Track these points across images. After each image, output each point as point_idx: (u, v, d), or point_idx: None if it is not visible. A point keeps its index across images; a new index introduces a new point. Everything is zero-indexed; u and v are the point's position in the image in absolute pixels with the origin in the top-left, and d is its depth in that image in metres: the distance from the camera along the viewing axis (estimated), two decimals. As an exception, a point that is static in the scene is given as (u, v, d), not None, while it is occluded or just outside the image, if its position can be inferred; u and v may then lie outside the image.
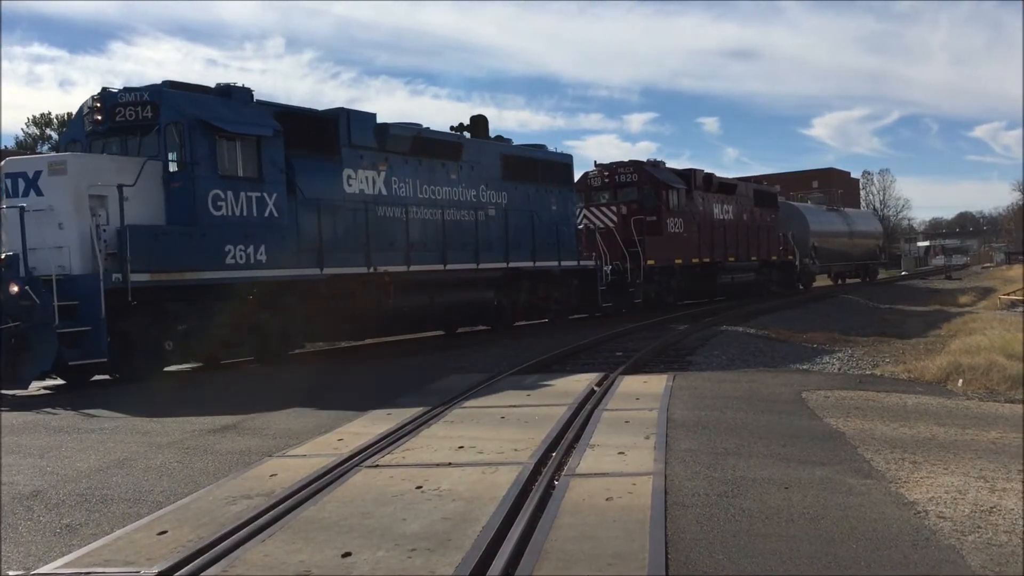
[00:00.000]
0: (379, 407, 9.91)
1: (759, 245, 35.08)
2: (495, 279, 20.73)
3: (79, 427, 9.44)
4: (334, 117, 16.98)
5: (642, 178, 28.08)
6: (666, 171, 29.39)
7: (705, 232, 30.52)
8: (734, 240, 32.74)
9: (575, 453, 7.19)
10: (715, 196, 32.10)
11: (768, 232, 36.29)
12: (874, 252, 52.99)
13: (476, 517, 5.41)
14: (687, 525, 5.22)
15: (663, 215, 27.81)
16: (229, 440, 8.39)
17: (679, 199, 28.84)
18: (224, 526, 5.37)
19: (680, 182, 29.20)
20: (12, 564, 4.97)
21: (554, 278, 22.87)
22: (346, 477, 6.58)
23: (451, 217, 19.42)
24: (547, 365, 14.26)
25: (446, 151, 19.63)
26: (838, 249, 46.58)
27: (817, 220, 44.29)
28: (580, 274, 23.89)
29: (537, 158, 22.83)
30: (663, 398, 9.92)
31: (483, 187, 20.60)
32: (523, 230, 21.55)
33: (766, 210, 36.50)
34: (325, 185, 16.45)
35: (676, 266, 28.51)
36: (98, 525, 5.70)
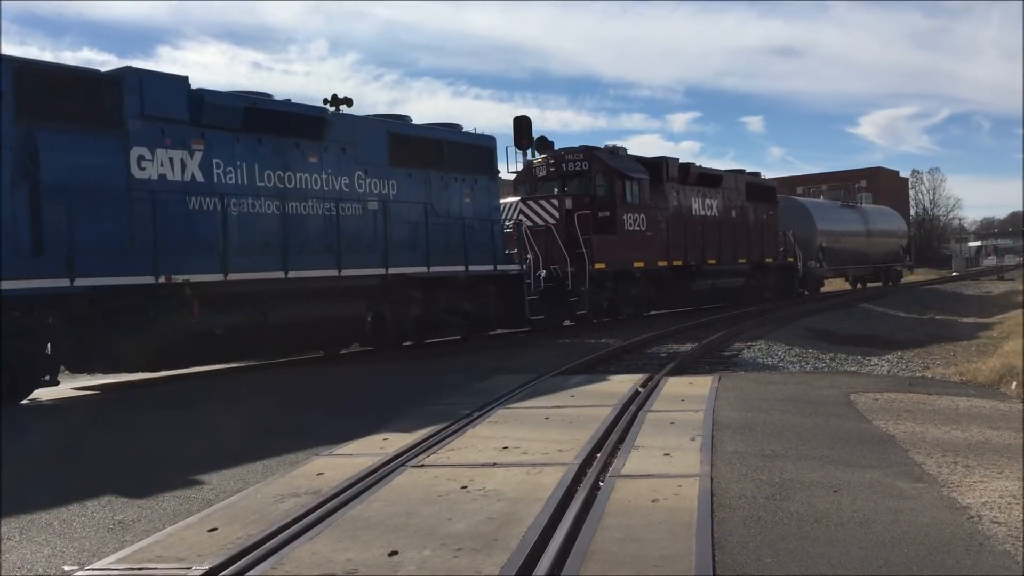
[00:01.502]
0: (424, 407, 9.96)
1: (751, 245, 30.84)
2: (368, 288, 16.44)
3: (133, 424, 9.62)
4: (116, 79, 12.98)
5: (593, 166, 23.83)
6: (626, 159, 25.18)
7: (677, 230, 26.42)
8: (716, 240, 28.49)
9: (620, 454, 7.16)
10: (694, 189, 27.96)
11: (764, 231, 32.10)
12: (897, 253, 47.82)
13: (521, 518, 5.41)
14: (734, 527, 5.17)
15: (618, 210, 23.61)
16: (276, 439, 8.49)
17: (641, 191, 24.53)
18: (272, 524, 5.43)
19: (642, 171, 24.85)
20: (67, 560, 5.08)
21: (461, 286, 18.53)
22: (392, 476, 6.63)
23: (304, 211, 15.33)
24: (591, 366, 14.23)
25: (302, 128, 15.51)
26: (853, 249, 41.79)
27: (826, 217, 39.82)
28: (500, 281, 19.46)
29: (443, 140, 18.45)
30: (709, 399, 9.85)
31: (360, 174, 16.45)
32: (415, 227, 17.45)
33: (761, 205, 32.27)
34: (93, 168, 12.43)
35: (636, 270, 24.33)
36: (150, 521, 5.80)
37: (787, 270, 34.32)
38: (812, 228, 37.52)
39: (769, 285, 32.81)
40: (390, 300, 16.99)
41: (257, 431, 8.98)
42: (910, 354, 16.62)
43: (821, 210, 40.24)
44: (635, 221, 24.23)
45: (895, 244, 47.74)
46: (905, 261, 48.98)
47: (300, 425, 9.27)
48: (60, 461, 8.00)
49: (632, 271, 24.15)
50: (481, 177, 19.23)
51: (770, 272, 32.74)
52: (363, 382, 12.94)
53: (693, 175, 27.94)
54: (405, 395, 11.12)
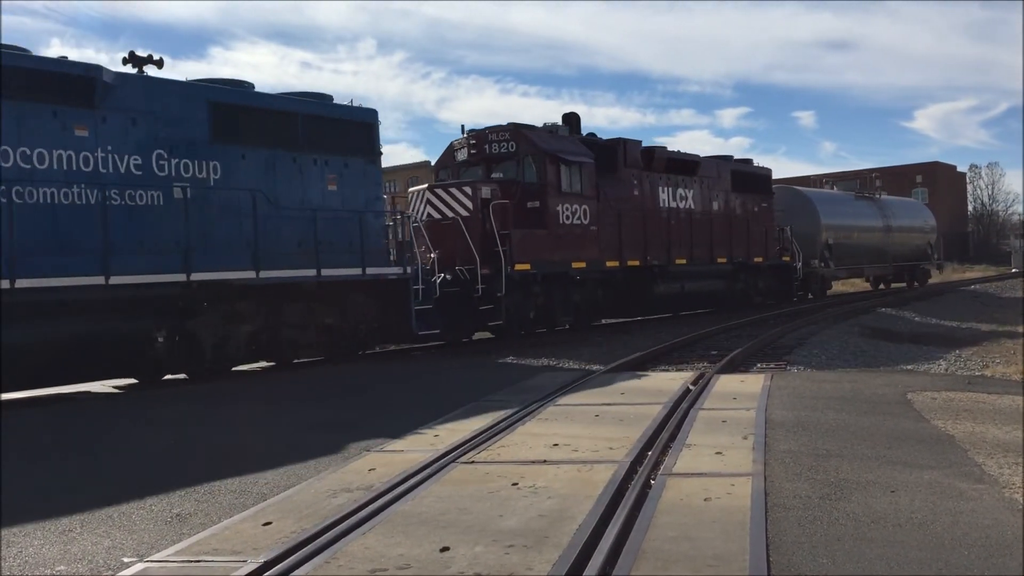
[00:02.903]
0: (473, 403, 9.99)
1: (735, 242, 26.56)
2: (159, 300, 12.82)
3: (178, 419, 9.80)
4: None
5: (521, 147, 19.65)
6: (566, 139, 21.13)
7: (635, 225, 22.33)
8: (688, 236, 24.44)
9: (671, 452, 7.11)
10: (662, 177, 23.90)
11: (754, 226, 27.67)
12: (924, 250, 42.56)
13: (572, 515, 5.40)
14: (789, 527, 5.10)
15: (551, 200, 19.47)
16: (329, 435, 8.58)
17: (584, 178, 20.42)
18: (326, 518, 5.49)
19: (584, 154, 20.82)
20: (127, 551, 5.18)
21: (313, 296, 14.94)
22: (443, 472, 6.66)
23: (55, 199, 11.72)
24: (641, 363, 14.15)
25: (60, 91, 11.98)
26: (868, 246, 37.13)
27: (833, 210, 35.10)
28: (377, 288, 15.79)
29: (298, 113, 14.83)
30: (761, 398, 9.74)
31: (161, 153, 12.91)
32: (239, 221, 13.74)
33: (752, 197, 27.92)
34: None
35: (576, 272, 20.23)
36: (206, 515, 5.90)
37: (784, 271, 29.85)
38: (816, 223, 33.35)
39: (761, 288, 28.42)
40: (204, 315, 13.51)
41: (306, 426, 9.08)
42: (968, 352, 16.25)
43: (827, 202, 35.75)
44: (575, 213, 20.18)
45: (920, 240, 42.68)
46: (933, 259, 44.03)
47: (352, 420, 9.35)
48: (115, 456, 8.17)
49: (570, 273, 20.10)
50: (355, 160, 15.56)
51: (761, 273, 28.34)
52: (411, 379, 13.02)
53: (660, 160, 24.06)
54: (454, 392, 11.15)
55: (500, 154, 19.88)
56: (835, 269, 34.43)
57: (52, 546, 5.33)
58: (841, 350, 16.10)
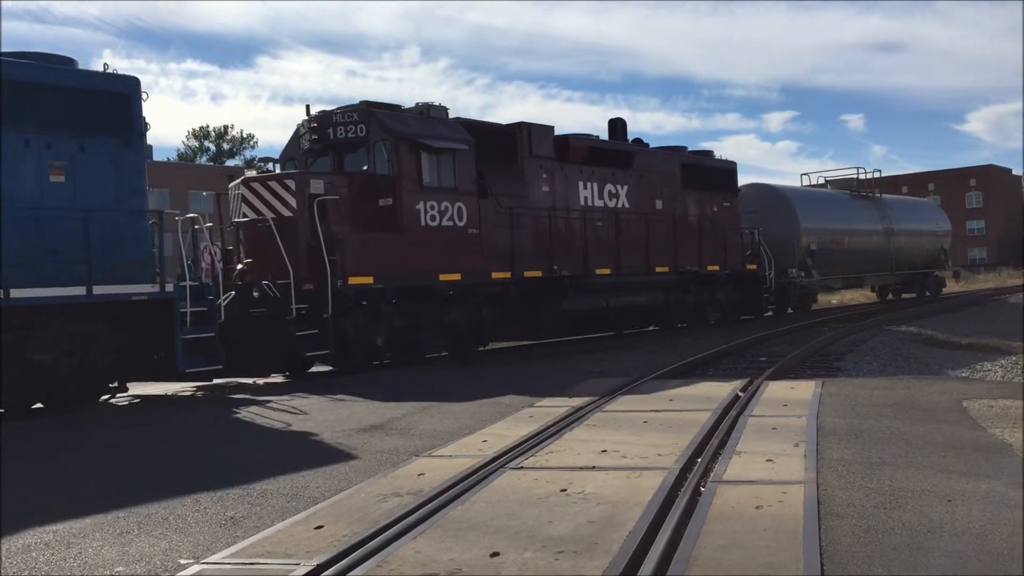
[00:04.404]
0: (520, 410, 10.00)
1: (685, 248, 22.78)
2: None
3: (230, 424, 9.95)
4: None
5: (372, 132, 15.86)
6: (433, 122, 16.85)
7: (538, 227, 18.53)
8: (615, 240, 20.65)
9: (721, 459, 7.06)
10: (582, 170, 20.18)
11: (710, 228, 23.78)
12: (936, 256, 37.72)
13: (622, 521, 5.39)
14: (842, 536, 5.03)
15: (407, 195, 15.72)
16: (378, 440, 8.66)
17: (455, 170, 16.55)
18: (377, 523, 5.53)
19: (458, 140, 16.78)
20: (183, 553, 5.27)
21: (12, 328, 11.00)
22: (491, 478, 6.68)
23: None
24: (689, 370, 14.06)
25: None
26: (865, 252, 32.70)
27: (816, 212, 30.38)
28: (119, 314, 11.91)
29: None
30: (812, 405, 9.62)
31: None
32: None
33: (708, 195, 24.10)
34: None
35: (446, 285, 16.47)
36: (259, 518, 5.98)
37: (752, 282, 25.95)
38: (794, 225, 28.75)
39: (719, 302, 24.65)
40: None
41: (353, 431, 9.16)
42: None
43: (810, 202, 31.11)
44: (444, 213, 16.30)
45: (931, 245, 37.60)
46: (947, 265, 39.15)
47: (399, 425, 9.42)
48: (168, 457, 8.32)
49: (436, 287, 16.34)
50: (97, 141, 11.81)
51: (719, 284, 24.45)
52: (456, 383, 13.07)
53: (579, 151, 20.34)
54: (503, 397, 11.18)
55: (348, 140, 16.13)
56: (819, 279, 29.80)
57: (111, 547, 5.45)
58: (893, 356, 15.87)
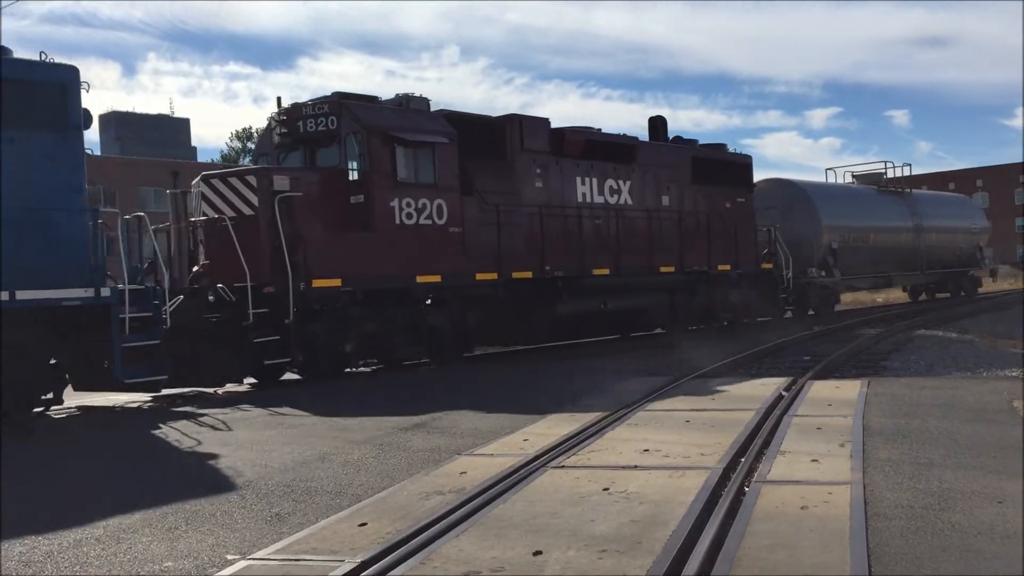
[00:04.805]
0: (561, 409, 10.00)
1: (693, 247, 21.39)
2: None
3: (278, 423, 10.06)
4: None
5: (343, 124, 14.96)
6: (410, 114, 15.95)
7: (529, 225, 17.38)
8: (614, 239, 19.33)
9: (765, 459, 7.00)
10: (579, 165, 18.92)
11: (721, 225, 22.34)
12: (972, 254, 35.37)
13: (665, 521, 5.36)
14: (890, 538, 4.96)
15: (380, 192, 14.77)
16: (420, 438, 8.71)
17: (435, 164, 15.51)
18: (419, 520, 5.57)
19: (441, 133, 15.77)
20: (230, 549, 5.35)
21: None
22: (533, 477, 6.68)
23: None
24: (731, 369, 13.95)
25: None
26: (893, 251, 30.70)
27: (838, 208, 28.65)
28: (47, 321, 10.98)
29: None
30: (857, 404, 9.50)
31: None
32: None
33: (720, 191, 22.62)
34: None
35: (424, 288, 15.39)
36: (304, 515, 6.04)
37: (767, 282, 24.23)
38: (815, 222, 27.31)
39: (731, 303, 22.94)
40: None
41: (396, 429, 9.21)
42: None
43: (831, 198, 29.30)
44: (422, 211, 15.27)
45: (966, 242, 35.30)
46: (983, 263, 36.62)
47: (441, 425, 9.46)
48: (214, 455, 8.43)
49: (413, 290, 15.30)
50: (29, 134, 10.69)
51: (732, 285, 22.83)
52: (498, 382, 13.10)
53: (576, 144, 19.06)
54: (543, 396, 11.18)
55: (319, 133, 15.14)
56: (842, 279, 28.16)
57: (160, 543, 5.54)
58: (939, 356, 15.60)
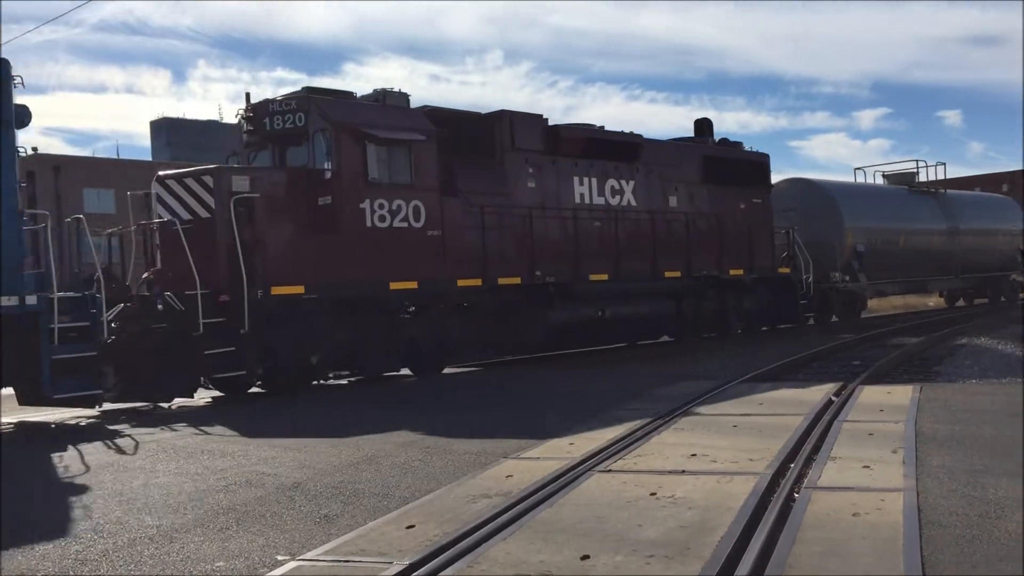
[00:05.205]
0: (608, 412, 9.96)
1: (702, 250, 20.41)
2: None
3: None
4: None
5: (311, 121, 14.17)
6: (385, 110, 15.16)
7: (517, 228, 16.48)
8: (613, 243, 18.36)
9: (815, 465, 6.90)
10: (576, 165, 17.90)
11: (735, 227, 21.32)
12: (1012, 258, 32.94)
13: (713, 527, 5.31)
14: (945, 546, 4.87)
15: (348, 192, 13.99)
16: (465, 442, 8.73)
17: (411, 163, 14.67)
18: (466, 523, 5.58)
19: (419, 130, 14.99)
20: (279, 549, 5.41)
21: None
22: (580, 481, 6.67)
23: None
24: (779, 374, 13.79)
25: None
26: (925, 254, 29.19)
27: (863, 209, 27.20)
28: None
29: None
30: (910, 410, 9.34)
31: None
32: None
33: (734, 191, 21.58)
34: None
35: (400, 295, 14.60)
36: (352, 517, 6.09)
37: (785, 287, 23.01)
38: (838, 224, 26.00)
39: (745, 310, 21.96)
40: None
41: (443, 431, 9.25)
42: None
43: (856, 198, 27.71)
44: (396, 213, 14.41)
45: (1006, 245, 33.22)
46: None
47: (486, 428, 9.48)
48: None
49: (386, 297, 14.47)
50: None
51: (745, 290, 21.74)
52: (542, 387, 13.09)
53: (574, 142, 17.99)
54: (589, 401, 11.15)
55: (287, 131, 14.32)
56: (868, 284, 26.72)
57: (211, 543, 5.62)
58: (995, 361, 15.27)
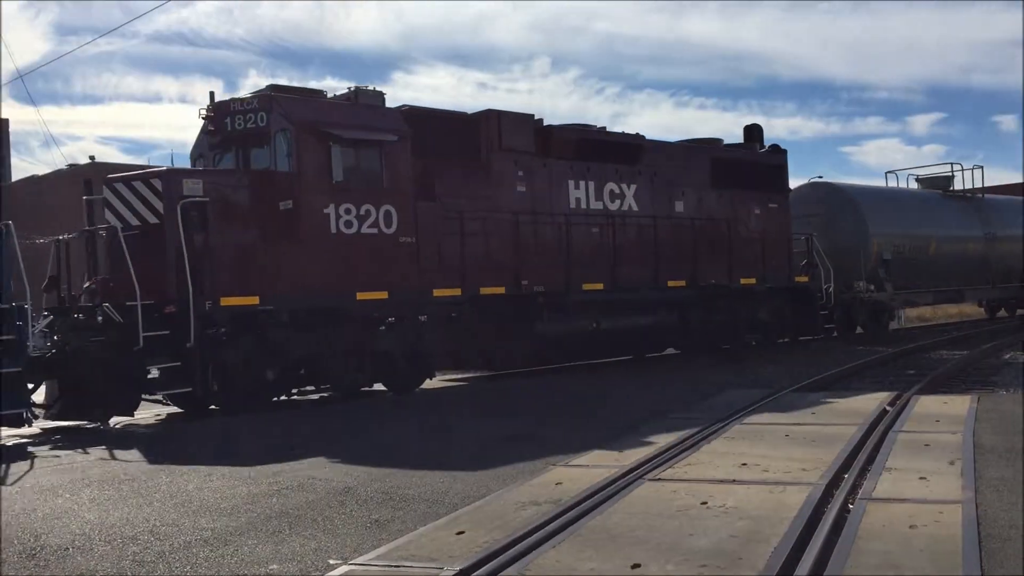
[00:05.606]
0: (657, 420, 9.90)
1: (710, 258, 19.04)
2: None
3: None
4: None
5: (272, 120, 13.24)
6: (354, 108, 14.26)
7: (501, 235, 15.51)
8: (610, 250, 17.21)
9: (870, 476, 6.79)
10: (571, 167, 16.81)
11: (747, 233, 20.02)
12: None
13: (766, 537, 5.25)
14: (1005, 560, 4.76)
15: (310, 196, 13.07)
16: (515, 448, 8.73)
17: (382, 165, 13.78)
18: (516, 530, 5.58)
19: (389, 130, 14.04)
20: (331, 554, 5.46)
21: None
22: (629, 489, 6.63)
23: None
24: (831, 383, 13.60)
25: None
26: (956, 261, 27.08)
27: (890, 214, 25.53)
28: None
29: None
30: (967, 421, 9.14)
31: None
32: None
33: (747, 195, 20.19)
34: None
35: (366, 305, 13.61)
36: (403, 522, 6.13)
37: (803, 297, 21.50)
38: (862, 230, 24.27)
39: (760, 321, 20.58)
40: None
41: (492, 439, 9.27)
42: None
43: (882, 203, 25.96)
44: (365, 218, 13.50)
45: None
46: None
47: (535, 434, 9.47)
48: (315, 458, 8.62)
49: (351, 308, 13.51)
50: None
51: (761, 301, 20.42)
52: (590, 394, 13.05)
53: (568, 143, 16.95)
54: (636, 408, 11.09)
55: (248, 131, 13.42)
56: (896, 293, 24.92)
57: (265, 546, 5.69)
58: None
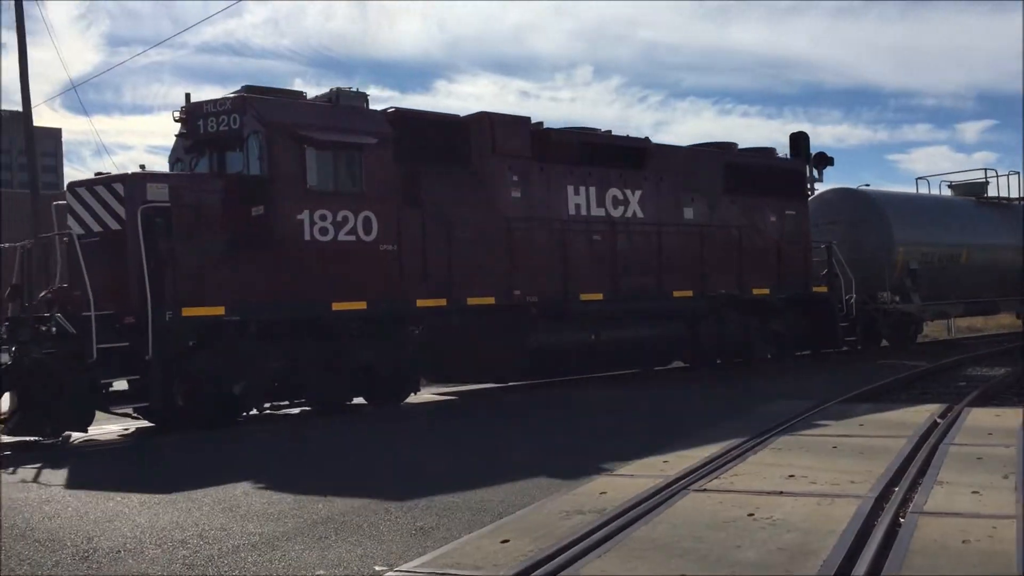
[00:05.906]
0: (703, 430, 9.82)
1: (720, 267, 18.09)
2: None
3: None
4: None
5: (246, 123, 12.67)
6: (331, 111, 13.54)
7: (492, 242, 14.76)
8: (610, 258, 16.44)
9: (921, 489, 6.67)
10: (571, 172, 16.08)
11: (761, 242, 19.08)
12: None
13: (815, 550, 5.18)
14: (1063, 577, 4.65)
15: (284, 201, 12.51)
16: (558, 458, 8.72)
17: (362, 169, 13.21)
18: (561, 539, 5.56)
19: (368, 132, 13.40)
20: (377, 560, 5.50)
21: None
22: (675, 499, 6.59)
23: None
24: (879, 394, 13.39)
25: None
26: (990, 271, 25.48)
27: (918, 221, 24.12)
28: None
29: None
30: (1021, 434, 8.94)
31: None
32: None
33: (763, 201, 19.27)
34: None
35: (343, 316, 12.99)
36: (447, 529, 6.15)
37: (822, 308, 20.38)
38: (886, 238, 22.95)
39: (773, 333, 19.47)
40: None
41: (539, 448, 9.27)
42: None
43: (908, 211, 24.56)
44: (340, 224, 12.89)
45: None
46: None
47: (580, 444, 9.46)
48: (364, 466, 8.69)
49: (326, 318, 12.94)
50: None
51: (774, 312, 19.39)
52: (635, 404, 13.00)
53: (565, 147, 16.15)
54: (681, 418, 11.02)
55: (221, 134, 12.91)
56: (923, 304, 23.46)
57: (311, 551, 5.75)
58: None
